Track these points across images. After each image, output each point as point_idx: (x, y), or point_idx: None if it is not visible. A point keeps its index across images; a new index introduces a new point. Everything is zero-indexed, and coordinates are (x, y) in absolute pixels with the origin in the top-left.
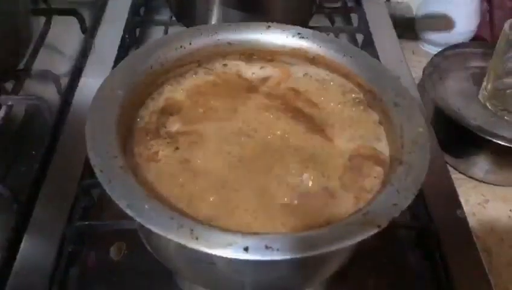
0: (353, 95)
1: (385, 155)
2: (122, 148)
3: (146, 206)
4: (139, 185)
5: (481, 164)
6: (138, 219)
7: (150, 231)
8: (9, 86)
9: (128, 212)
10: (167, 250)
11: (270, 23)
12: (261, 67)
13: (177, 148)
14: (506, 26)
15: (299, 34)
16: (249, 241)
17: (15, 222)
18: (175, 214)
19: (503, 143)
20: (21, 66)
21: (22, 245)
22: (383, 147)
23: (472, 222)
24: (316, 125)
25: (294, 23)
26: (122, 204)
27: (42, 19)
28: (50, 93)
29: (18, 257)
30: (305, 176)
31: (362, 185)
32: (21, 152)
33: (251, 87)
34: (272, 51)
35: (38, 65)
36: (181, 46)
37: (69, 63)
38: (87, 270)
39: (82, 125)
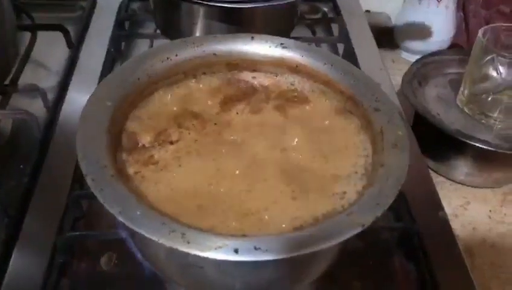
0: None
1: None
2: (113, 158)
3: (138, 213)
4: (130, 193)
5: (461, 167)
6: (130, 225)
7: (142, 237)
8: None
9: (121, 218)
10: (159, 256)
11: (253, 34)
12: (252, 77)
13: (171, 143)
14: (480, 33)
15: (281, 44)
16: (238, 243)
17: (5, 235)
18: (166, 219)
19: (481, 146)
20: (7, 81)
21: (13, 257)
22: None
23: (454, 223)
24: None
25: (276, 34)
26: (114, 211)
27: (27, 34)
28: (37, 107)
29: (9, 269)
30: None
31: None
32: (9, 166)
33: (238, 96)
34: (257, 61)
35: (24, 80)
36: (168, 58)
37: (55, 78)
38: (78, 281)
39: (70, 138)
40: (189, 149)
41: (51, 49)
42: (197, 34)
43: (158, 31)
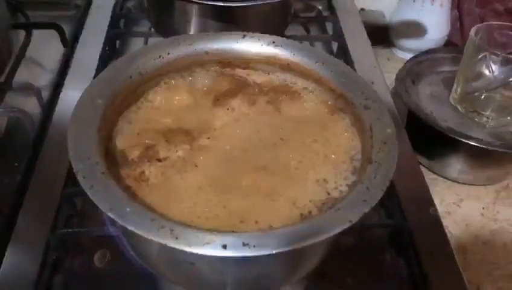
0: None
1: None
2: (103, 155)
3: (128, 209)
4: (120, 190)
5: (454, 165)
6: (120, 221)
7: (132, 234)
8: None
9: (111, 215)
10: (150, 252)
11: (245, 33)
12: (246, 74)
13: (159, 160)
14: (473, 32)
15: (273, 42)
16: (227, 239)
17: None
18: (156, 216)
19: (474, 144)
20: (1, 79)
21: (6, 255)
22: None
23: (447, 221)
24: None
25: (270, 32)
26: (104, 208)
27: (22, 33)
28: (31, 105)
29: (2, 266)
30: None
31: None
32: (3, 164)
33: (232, 91)
34: (248, 59)
35: (19, 78)
36: (159, 56)
37: (50, 76)
38: (71, 277)
39: (64, 137)
40: (176, 166)
41: (45, 48)
42: (191, 32)
43: (152, 29)
